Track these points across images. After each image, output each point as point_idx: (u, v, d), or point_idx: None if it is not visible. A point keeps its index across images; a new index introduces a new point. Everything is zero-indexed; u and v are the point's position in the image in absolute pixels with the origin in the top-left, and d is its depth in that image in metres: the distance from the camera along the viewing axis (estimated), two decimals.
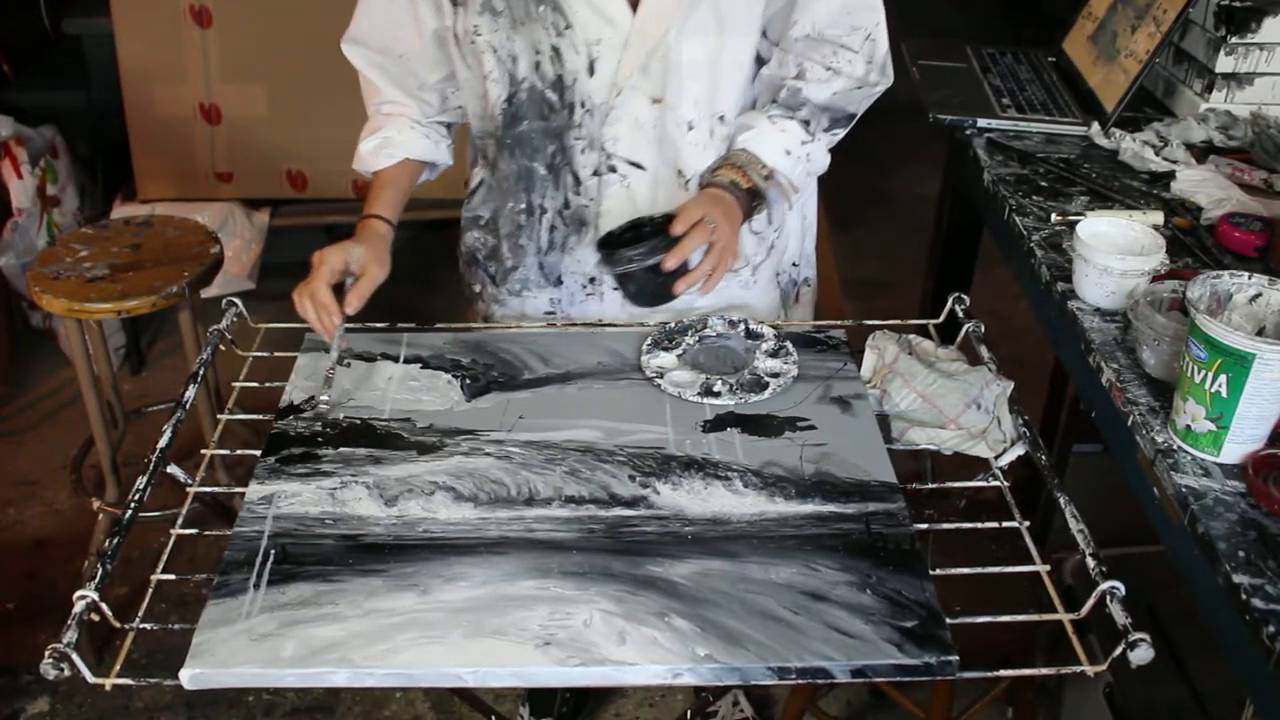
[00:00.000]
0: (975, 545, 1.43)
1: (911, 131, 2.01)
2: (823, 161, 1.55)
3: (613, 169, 1.51)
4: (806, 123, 1.50)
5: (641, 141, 1.49)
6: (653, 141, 1.50)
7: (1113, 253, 1.45)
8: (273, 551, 1.13)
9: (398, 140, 1.54)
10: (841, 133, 1.54)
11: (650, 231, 1.42)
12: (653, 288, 1.41)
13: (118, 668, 1.04)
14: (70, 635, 1.01)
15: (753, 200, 1.48)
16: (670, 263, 1.36)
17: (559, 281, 1.62)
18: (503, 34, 1.43)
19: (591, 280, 1.61)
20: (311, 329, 1.49)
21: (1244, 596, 1.06)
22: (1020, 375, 1.40)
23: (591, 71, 1.44)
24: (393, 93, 1.56)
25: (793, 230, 1.70)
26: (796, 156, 1.50)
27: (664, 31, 1.41)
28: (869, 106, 1.57)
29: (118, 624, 1.07)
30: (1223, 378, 1.15)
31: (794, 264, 1.74)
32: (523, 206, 1.55)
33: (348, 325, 1.39)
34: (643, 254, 1.38)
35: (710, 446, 1.29)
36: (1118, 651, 1.03)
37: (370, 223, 1.49)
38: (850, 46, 1.49)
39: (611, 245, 1.43)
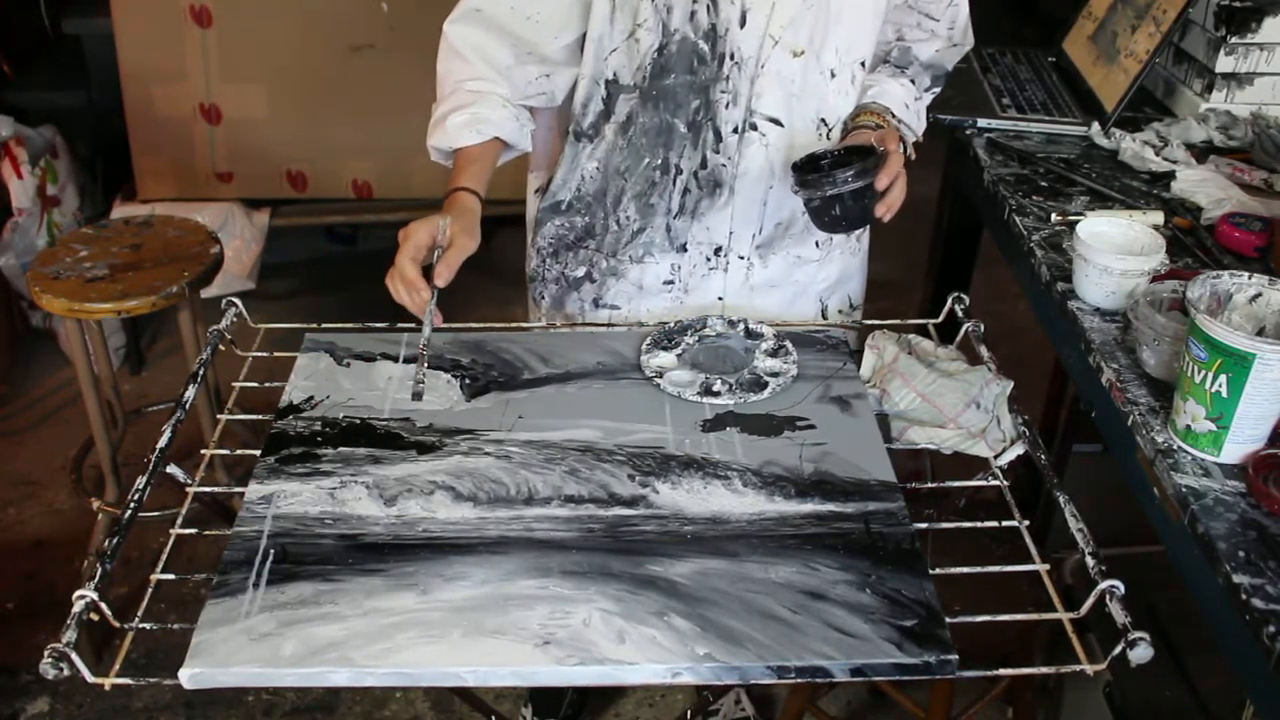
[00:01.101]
0: (975, 545, 1.43)
1: None
2: (924, 122, 1.64)
3: (754, 126, 1.52)
4: (913, 81, 1.60)
5: (782, 97, 1.51)
6: (793, 96, 1.52)
7: (1113, 253, 1.45)
8: (272, 551, 1.13)
9: (489, 118, 1.48)
10: (937, 91, 1.66)
11: (834, 162, 1.46)
12: (858, 210, 1.45)
13: (117, 667, 1.03)
14: (70, 635, 1.00)
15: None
16: (883, 181, 1.42)
17: (683, 248, 1.62)
18: None
19: (717, 251, 1.62)
20: (312, 329, 1.49)
21: (1244, 596, 1.06)
22: (1020, 375, 1.40)
23: (743, 23, 1.45)
24: (484, 69, 1.49)
25: None
26: (914, 111, 1.61)
27: None
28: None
29: (117, 624, 1.07)
30: (1223, 378, 1.15)
31: None
32: (658, 163, 1.55)
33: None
34: (854, 175, 1.41)
35: (710, 446, 1.29)
36: (1117, 650, 1.03)
37: (459, 195, 1.44)
38: (933, 15, 1.62)
39: (806, 174, 1.46)
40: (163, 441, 1.26)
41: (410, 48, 2.84)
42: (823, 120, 1.56)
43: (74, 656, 0.99)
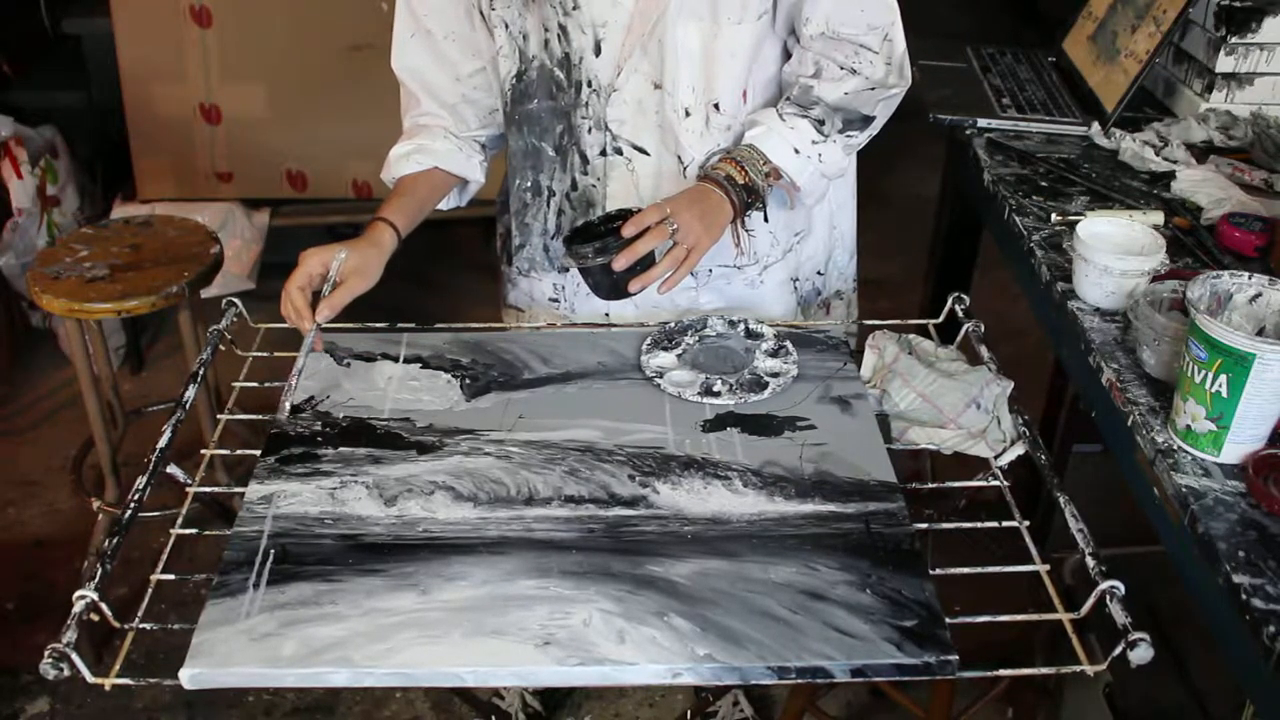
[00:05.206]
0: (975, 545, 1.43)
1: (911, 131, 2.01)
2: (838, 164, 1.52)
3: (619, 151, 1.52)
4: (821, 122, 1.48)
5: (644, 126, 1.50)
6: (654, 127, 1.51)
7: (1113, 253, 1.45)
8: (272, 551, 1.13)
9: (430, 148, 1.56)
10: (859, 136, 1.52)
11: (605, 231, 1.42)
12: (609, 284, 1.42)
13: (117, 668, 1.04)
14: (70, 635, 1.01)
15: (749, 197, 1.47)
16: (619, 264, 1.38)
17: (564, 269, 1.62)
18: (515, 10, 1.46)
19: None
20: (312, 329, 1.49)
21: (1244, 596, 1.06)
22: (1020, 375, 1.40)
23: (597, 51, 1.46)
24: (430, 104, 1.57)
25: (819, 238, 1.70)
26: (806, 156, 1.49)
27: (660, 13, 1.42)
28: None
29: (117, 624, 1.07)
30: (1223, 378, 1.15)
31: (819, 272, 1.73)
32: (528, 185, 1.57)
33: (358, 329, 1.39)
34: (594, 251, 1.38)
35: (710, 446, 1.29)
36: (1117, 651, 1.03)
37: (375, 226, 1.48)
38: (870, 47, 1.47)
39: (583, 236, 1.44)
40: (163, 441, 1.26)
41: None
42: (679, 157, 1.52)
43: (74, 656, 0.99)
